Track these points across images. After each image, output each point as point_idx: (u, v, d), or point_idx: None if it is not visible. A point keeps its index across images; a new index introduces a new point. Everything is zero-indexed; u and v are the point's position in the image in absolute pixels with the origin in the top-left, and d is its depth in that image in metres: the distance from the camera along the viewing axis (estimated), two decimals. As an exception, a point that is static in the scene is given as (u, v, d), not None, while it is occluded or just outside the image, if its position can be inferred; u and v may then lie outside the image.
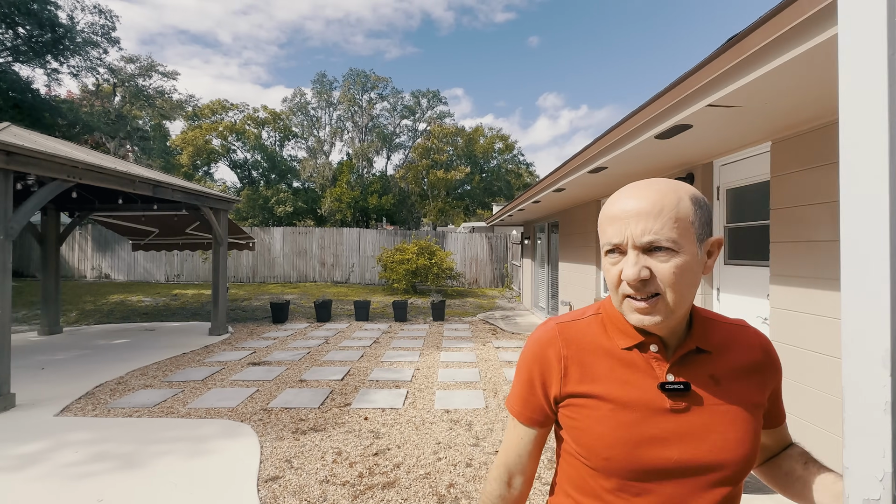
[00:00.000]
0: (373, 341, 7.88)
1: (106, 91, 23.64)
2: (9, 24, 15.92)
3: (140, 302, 11.75)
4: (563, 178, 5.11)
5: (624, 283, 0.73)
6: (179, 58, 63.02)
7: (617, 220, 0.74)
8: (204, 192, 7.74)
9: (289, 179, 39.21)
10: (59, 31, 16.80)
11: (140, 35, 57.25)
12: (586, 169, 4.37)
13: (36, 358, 6.67)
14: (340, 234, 15.92)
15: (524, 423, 0.86)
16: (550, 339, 0.84)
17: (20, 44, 16.34)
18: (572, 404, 0.80)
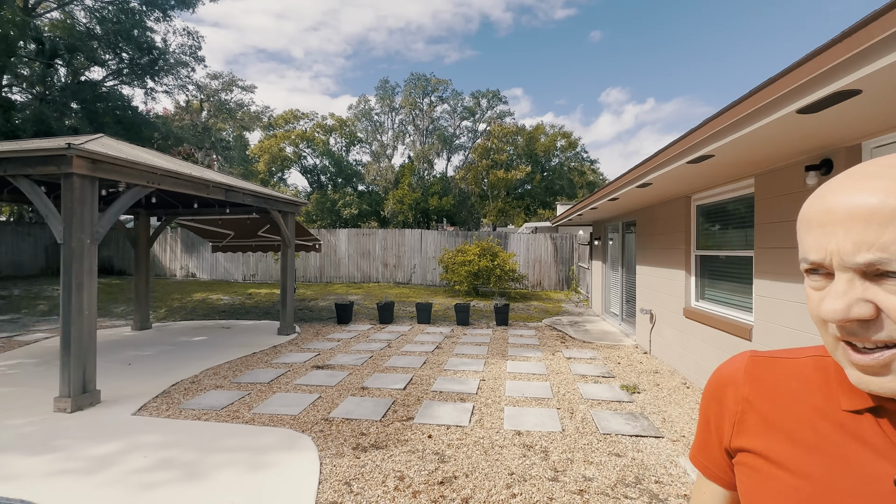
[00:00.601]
0: (435, 346, 7.53)
1: (194, 107, 25.61)
2: (115, 51, 17.62)
3: (219, 300, 12.37)
4: (651, 171, 4.40)
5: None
6: (258, 74, 67.59)
7: (817, 226, 0.50)
8: (272, 195, 7.82)
9: (354, 183, 40.44)
10: (154, 53, 18.34)
11: (225, 55, 62.34)
12: (686, 159, 3.66)
13: (126, 353, 7.05)
14: (402, 236, 15.87)
15: (707, 477, 0.71)
16: (732, 374, 0.67)
17: (123, 67, 18.03)
18: (744, 463, 0.62)
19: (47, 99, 16.05)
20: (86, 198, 4.58)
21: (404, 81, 40.26)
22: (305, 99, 71.15)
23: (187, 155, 24.55)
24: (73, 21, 16.69)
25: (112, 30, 16.65)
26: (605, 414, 4.48)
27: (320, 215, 34.25)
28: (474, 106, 40.38)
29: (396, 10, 65.53)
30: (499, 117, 39.86)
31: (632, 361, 6.61)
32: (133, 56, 17.53)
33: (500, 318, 9.67)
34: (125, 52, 17.26)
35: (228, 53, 62.08)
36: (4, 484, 3.11)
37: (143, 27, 17.40)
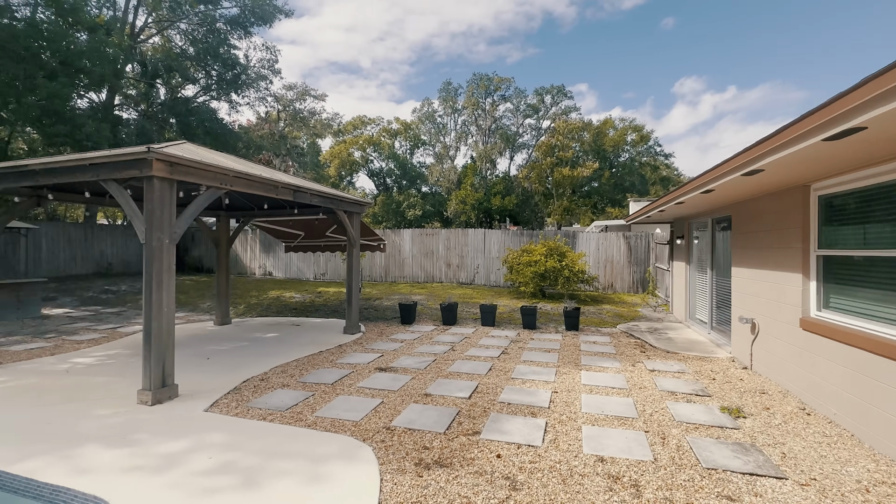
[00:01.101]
0: (501, 351, 7.07)
1: (272, 117, 27.24)
2: (204, 69, 19.10)
3: (291, 298, 12.83)
4: (765, 155, 3.62)
5: None
6: (330, 85, 71.10)
7: None
8: (338, 195, 7.82)
9: (418, 185, 40.97)
10: (237, 69, 19.65)
11: (301, 70, 66.34)
12: (820, 136, 2.90)
13: (207, 347, 7.37)
14: (465, 235, 15.54)
15: None
16: None
17: (211, 83, 19.49)
18: None
19: (149, 115, 17.75)
20: (165, 199, 4.71)
21: (467, 82, 40.07)
22: (373, 106, 73.73)
23: (267, 162, 26.12)
24: (170, 44, 18.33)
25: (202, 49, 18.06)
26: (706, 443, 3.77)
27: (386, 216, 35.05)
28: (538, 103, 39.15)
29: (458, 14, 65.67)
30: (563, 113, 38.29)
31: (729, 378, 5.69)
32: (220, 72, 18.87)
33: (570, 322, 8.97)
34: (213, 69, 18.63)
35: (304, 68, 66.00)
36: (82, 477, 3.15)
37: (227, 45, 18.68)
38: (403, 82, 70.28)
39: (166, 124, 18.00)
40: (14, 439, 3.78)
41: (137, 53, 17.23)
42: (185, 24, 17.99)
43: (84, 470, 3.26)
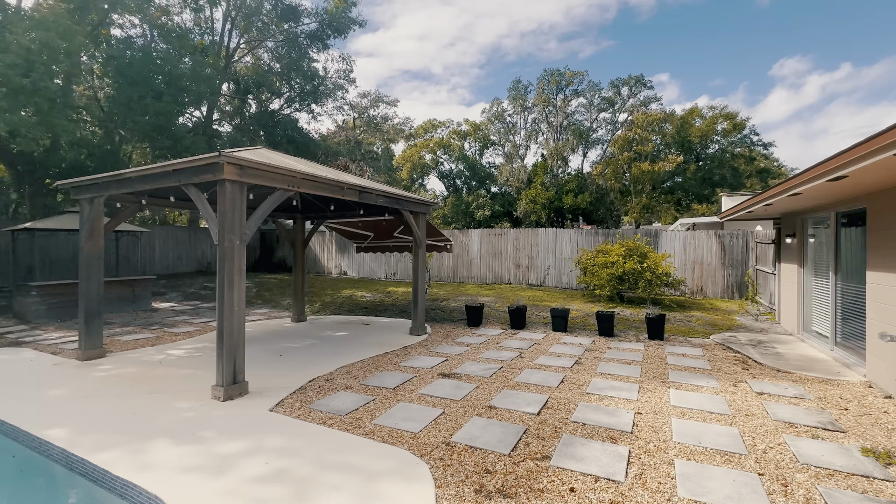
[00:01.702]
0: (574, 361, 6.40)
1: (348, 125, 28.43)
2: (288, 83, 20.33)
3: (363, 297, 13.06)
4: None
5: None
6: (403, 92, 73.10)
7: None
8: (403, 195, 7.66)
9: (487, 185, 40.54)
10: (316, 81, 20.67)
11: (377, 80, 69.04)
12: None
13: (281, 344, 7.58)
14: (535, 235, 14.80)
15: None
16: None
17: (294, 96, 20.69)
18: None
19: (241, 128, 19.27)
20: (235, 201, 4.79)
21: (537, 79, 38.81)
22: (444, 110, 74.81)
23: (344, 167, 27.29)
24: (259, 62, 19.75)
25: (286, 64, 19.22)
26: (849, 499, 2.91)
27: (455, 217, 35.04)
28: (613, 96, 36.72)
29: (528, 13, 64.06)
30: (642, 104, 35.51)
31: (868, 409, 4.54)
32: (301, 85, 19.96)
33: (654, 330, 7.98)
34: (295, 81, 19.75)
35: (380, 78, 68.62)
36: (148, 473, 3.17)
37: (308, 58, 19.69)
38: (473, 85, 70.27)
39: (256, 136, 19.41)
40: (103, 428, 3.99)
41: (231, 72, 18.78)
42: (272, 41, 19.26)
43: (150, 466, 3.29)
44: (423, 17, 71.34)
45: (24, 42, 6.90)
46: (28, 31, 7.16)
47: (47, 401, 4.70)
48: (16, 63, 6.75)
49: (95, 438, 3.76)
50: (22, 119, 7.40)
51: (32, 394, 4.92)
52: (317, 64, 20.45)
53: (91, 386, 5.20)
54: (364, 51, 66.21)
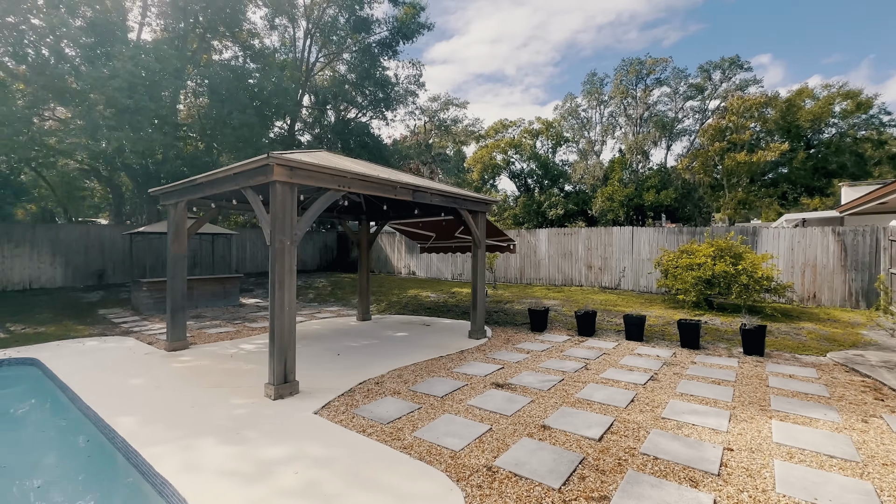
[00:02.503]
0: (649, 377, 5.54)
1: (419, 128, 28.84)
2: (361, 91, 21.04)
3: (427, 297, 12.94)
4: None
5: None
6: (477, 96, 72.95)
7: None
8: (459, 194, 7.28)
9: (560, 183, 38.91)
10: (388, 88, 21.14)
11: (451, 86, 69.75)
12: None
13: (341, 342, 7.62)
14: (609, 235, 13.58)
15: None
16: None
17: (366, 103, 21.36)
18: None
19: (319, 137, 20.32)
20: (286, 202, 4.77)
21: (614, 70, 36.21)
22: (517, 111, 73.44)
23: (415, 170, 27.73)
24: (335, 74, 20.69)
25: (359, 74, 19.89)
26: None
27: (527, 217, 33.97)
28: (703, 81, 33.03)
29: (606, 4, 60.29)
30: (738, 88, 31.46)
31: None
32: (373, 92, 20.53)
33: (751, 343, 6.73)
34: (368, 89, 20.36)
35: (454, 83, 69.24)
36: (186, 475, 3.14)
37: (380, 66, 20.19)
38: (547, 84, 67.98)
39: (333, 144, 20.36)
40: (162, 420, 4.13)
41: (311, 85, 19.88)
42: (347, 53, 20.04)
43: (192, 466, 3.27)
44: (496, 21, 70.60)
45: (128, 68, 7.85)
46: (133, 58, 8.13)
47: (127, 389, 5.06)
48: (121, 87, 7.70)
49: (153, 430, 3.89)
50: (126, 136, 8.40)
51: (118, 381, 5.34)
52: (388, 71, 20.90)
53: (166, 377, 5.54)
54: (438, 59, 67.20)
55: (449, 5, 62.78)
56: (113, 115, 8.17)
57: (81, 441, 4.05)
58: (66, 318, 10.09)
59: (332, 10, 18.69)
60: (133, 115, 8.37)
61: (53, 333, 8.53)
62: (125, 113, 8.35)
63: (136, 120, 8.49)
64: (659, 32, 54.27)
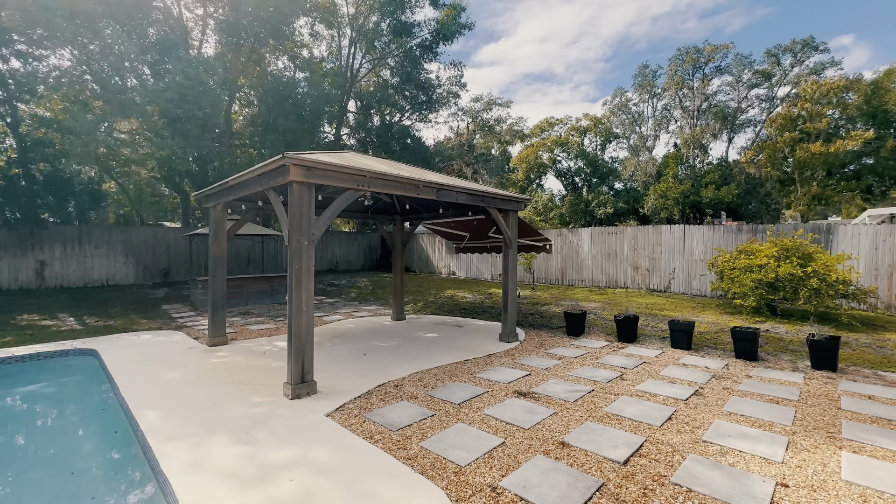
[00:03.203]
0: (693, 391, 4.91)
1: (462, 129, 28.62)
2: (403, 94, 21.18)
3: (464, 298, 12.67)
4: None
5: None
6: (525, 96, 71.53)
7: None
8: (487, 192, 6.95)
9: (610, 181, 37.21)
10: (430, 91, 21.10)
11: (499, 88, 68.97)
12: None
13: (370, 342, 7.55)
14: (658, 234, 12.57)
15: None
16: None
17: (406, 106, 21.46)
18: None
19: (363, 141, 20.69)
20: (303, 203, 4.71)
21: (668, 60, 33.81)
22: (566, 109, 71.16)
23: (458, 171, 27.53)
24: (378, 78, 20.98)
25: (402, 77, 20.02)
26: None
27: (574, 217, 32.70)
28: (770, 67, 30.00)
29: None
30: (812, 73, 28.23)
31: None
32: (415, 94, 20.58)
33: (821, 356, 5.81)
34: (409, 92, 20.45)
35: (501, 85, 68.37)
36: (189, 474, 3.11)
37: (421, 69, 20.20)
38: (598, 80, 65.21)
39: (375, 147, 20.65)
40: (184, 415, 4.20)
41: (356, 91, 20.29)
42: (390, 59, 20.25)
43: (196, 466, 3.24)
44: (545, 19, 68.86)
45: (179, 80, 8.39)
46: (183, 71, 8.68)
47: (161, 382, 5.25)
48: (173, 98, 8.24)
49: (172, 426, 3.95)
50: (178, 144, 8.96)
51: (157, 374, 5.57)
52: (430, 74, 20.88)
53: (200, 371, 5.71)
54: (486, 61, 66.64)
55: (497, 7, 62.11)
56: (166, 125, 8.78)
57: (111, 433, 4.20)
58: (132, 312, 10.90)
59: (375, 17, 18.95)
60: (183, 123, 8.93)
61: (119, 326, 9.22)
62: (176, 122, 8.94)
63: (186, 128, 9.06)
64: (721, 20, 50.23)
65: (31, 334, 8.33)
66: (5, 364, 6.35)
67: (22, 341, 7.70)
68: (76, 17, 8.16)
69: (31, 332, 8.48)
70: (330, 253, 19.88)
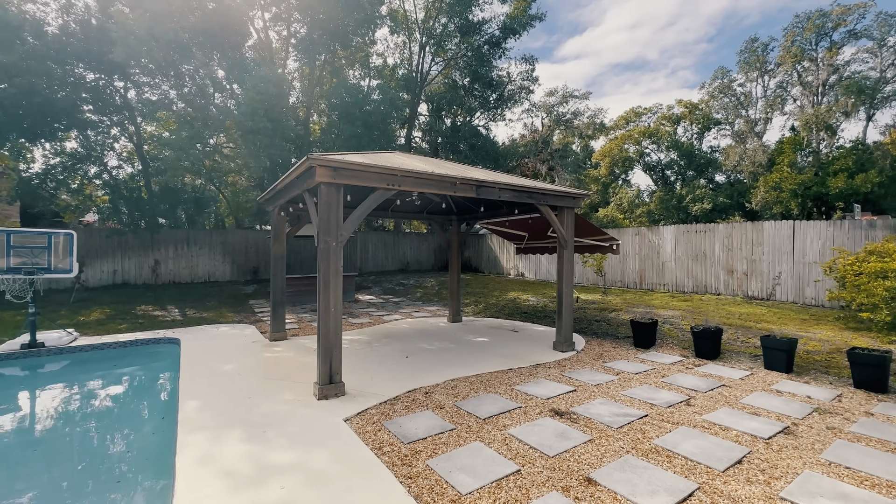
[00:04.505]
0: (781, 428, 3.90)
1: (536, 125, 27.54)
2: (473, 94, 20.95)
3: (527, 301, 12.01)
4: None
5: None
6: (613, 87, 67.00)
7: None
8: (536, 188, 6.37)
9: (708, 173, 33.26)
10: (500, 87, 20.59)
11: (585, 82, 65.51)
12: None
13: (419, 344, 7.41)
14: (758, 231, 10.66)
15: None
16: None
17: (475, 105, 21.16)
18: None
19: (433, 143, 20.86)
20: (331, 203, 4.68)
21: (783, 31, 28.91)
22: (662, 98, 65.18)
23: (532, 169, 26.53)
24: (447, 80, 21.00)
25: (471, 77, 19.81)
26: None
27: (664, 214, 29.63)
28: (929, 23, 23.99)
29: (778, -50, 48.97)
30: None
31: None
32: (483, 92, 20.23)
33: None
34: (478, 91, 20.15)
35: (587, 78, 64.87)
36: (195, 469, 3.18)
37: (490, 67, 19.79)
38: (699, 63, 58.41)
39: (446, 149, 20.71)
40: (217, 407, 4.40)
41: (426, 94, 20.54)
42: (460, 60, 20.17)
43: (205, 460, 3.32)
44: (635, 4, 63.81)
45: (251, 95, 9.19)
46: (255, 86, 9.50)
47: (214, 373, 5.62)
48: (245, 112, 9.05)
49: (203, 417, 4.14)
50: (250, 153, 9.81)
51: (215, 365, 6.00)
52: (500, 71, 20.38)
53: (251, 365, 6.03)
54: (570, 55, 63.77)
55: (582, -2, 59.10)
56: (240, 137, 9.70)
57: (159, 418, 4.56)
58: (223, 306, 12.14)
59: (444, 19, 18.99)
60: (255, 135, 9.77)
61: (210, 318, 10.29)
62: (249, 134, 9.81)
63: (258, 139, 9.89)
64: (856, -25, 41.71)
65: (141, 323, 9.64)
66: (110, 348, 7.37)
67: (132, 329, 8.93)
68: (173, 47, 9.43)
69: (141, 321, 9.81)
70: (401, 253, 20.37)
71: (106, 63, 10.63)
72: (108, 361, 6.96)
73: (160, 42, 9.26)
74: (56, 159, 12.59)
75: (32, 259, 6.89)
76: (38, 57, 9.91)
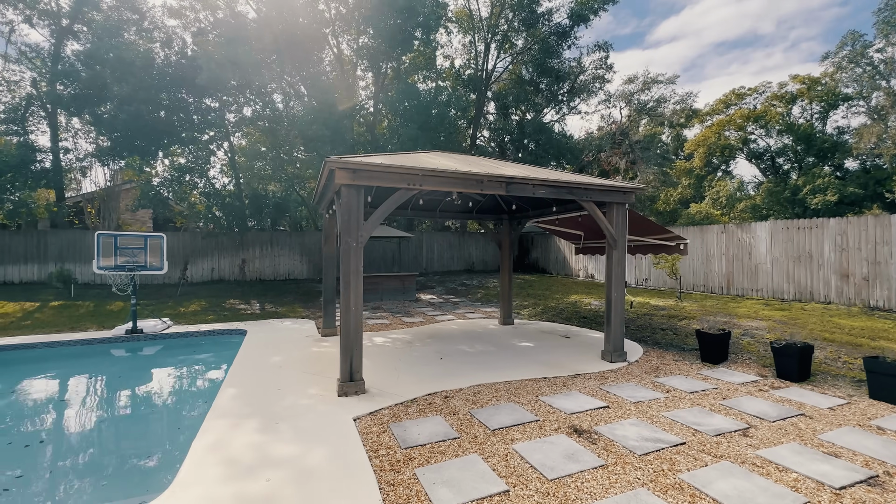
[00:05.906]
0: (865, 477, 3.06)
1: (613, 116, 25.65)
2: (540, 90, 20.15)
3: (588, 305, 11.19)
4: None
5: None
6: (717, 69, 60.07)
7: None
8: (576, 182, 5.85)
9: (834, 159, 28.34)
10: (571, 78, 19.54)
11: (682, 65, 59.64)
12: None
13: (459, 346, 7.29)
14: (884, 226, 8.65)
15: None
16: None
17: (543, 101, 20.31)
18: None
19: (500, 142, 20.48)
20: (351, 205, 4.78)
21: (941, -23, 23.14)
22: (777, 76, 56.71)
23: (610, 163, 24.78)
24: (512, 76, 20.48)
25: (538, 71, 19.09)
26: None
27: (774, 207, 25.78)
28: None
29: None
30: None
31: None
32: (551, 85, 19.37)
33: None
34: (545, 84, 19.35)
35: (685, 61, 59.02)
36: (205, 454, 3.43)
37: (559, 58, 18.90)
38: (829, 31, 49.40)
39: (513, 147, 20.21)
40: (248, 395, 4.73)
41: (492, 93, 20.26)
42: (525, 55, 19.57)
43: (217, 445, 3.57)
44: (740, -30, 56.43)
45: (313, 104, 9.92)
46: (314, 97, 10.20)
47: (260, 364, 6.08)
48: (305, 120, 9.75)
49: (233, 405, 4.48)
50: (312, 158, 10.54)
51: (265, 356, 6.50)
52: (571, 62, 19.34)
53: (296, 358, 6.42)
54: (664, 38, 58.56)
55: (676, -28, 53.94)
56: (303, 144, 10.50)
57: (201, 402, 5.05)
58: (297, 302, 13.18)
59: (509, 14, 18.55)
60: (314, 142, 10.47)
61: (282, 312, 11.23)
62: (309, 141, 10.55)
63: (317, 146, 10.59)
64: None
65: (226, 315, 10.85)
66: (193, 337, 8.40)
67: (217, 320, 10.08)
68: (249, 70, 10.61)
69: (226, 314, 11.04)
70: (466, 253, 20.36)
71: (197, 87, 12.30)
72: (189, 348, 7.95)
73: (240, 64, 10.46)
74: (166, 173, 14.83)
75: (133, 258, 8.12)
76: (146, 87, 11.82)
